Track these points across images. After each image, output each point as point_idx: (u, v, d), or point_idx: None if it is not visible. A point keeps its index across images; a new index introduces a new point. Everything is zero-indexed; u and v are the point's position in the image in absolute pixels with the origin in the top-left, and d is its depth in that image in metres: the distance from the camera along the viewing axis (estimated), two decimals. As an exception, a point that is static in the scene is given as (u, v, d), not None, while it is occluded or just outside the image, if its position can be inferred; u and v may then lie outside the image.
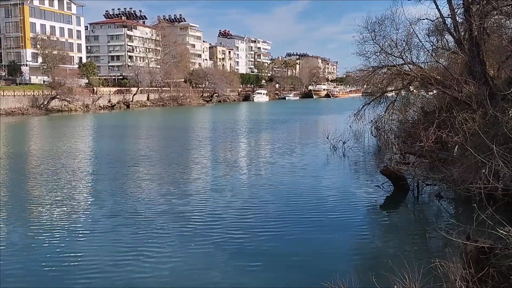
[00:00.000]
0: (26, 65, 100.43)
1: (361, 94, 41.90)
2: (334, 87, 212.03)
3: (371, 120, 33.03)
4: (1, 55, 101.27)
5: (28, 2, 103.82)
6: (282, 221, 14.88)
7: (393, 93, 30.69)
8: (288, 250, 12.33)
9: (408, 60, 25.07)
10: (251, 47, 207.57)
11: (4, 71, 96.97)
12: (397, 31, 26.07)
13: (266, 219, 15.11)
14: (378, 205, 17.60)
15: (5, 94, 77.97)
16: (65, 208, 16.62)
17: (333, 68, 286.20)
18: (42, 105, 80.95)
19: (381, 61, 27.28)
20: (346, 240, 13.30)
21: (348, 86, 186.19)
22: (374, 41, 26.88)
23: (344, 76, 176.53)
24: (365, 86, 33.82)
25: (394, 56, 25.71)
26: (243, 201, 17.58)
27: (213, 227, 14.14)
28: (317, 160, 27.70)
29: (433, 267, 8.72)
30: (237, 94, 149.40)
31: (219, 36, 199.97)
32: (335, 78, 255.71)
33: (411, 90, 30.80)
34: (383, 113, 30.07)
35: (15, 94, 79.95)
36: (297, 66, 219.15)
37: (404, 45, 25.34)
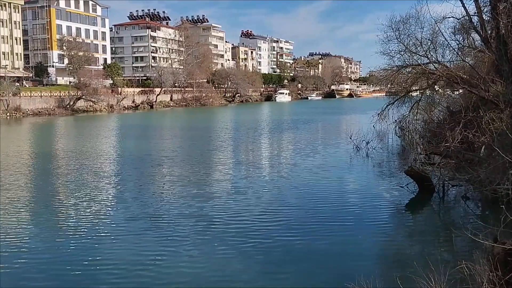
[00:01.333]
0: (53, 66, 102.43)
1: (384, 94, 41.45)
2: (357, 87, 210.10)
3: (395, 120, 32.65)
4: (28, 57, 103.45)
5: (55, 4, 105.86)
6: (305, 222, 14.83)
7: (418, 93, 30.23)
8: (311, 251, 12.29)
9: (434, 59, 24.66)
10: (274, 47, 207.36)
11: (32, 72, 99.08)
12: (422, 30, 25.67)
13: (289, 220, 15.08)
14: (403, 206, 17.40)
15: (32, 95, 79.67)
16: (89, 208, 16.90)
17: (356, 68, 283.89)
18: (68, 106, 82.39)
19: (406, 60, 26.91)
20: (370, 241, 13.18)
21: (371, 85, 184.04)
22: (399, 40, 26.53)
23: (368, 75, 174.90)
24: (389, 85, 33.39)
25: (419, 55, 25.32)
26: (266, 202, 17.57)
27: (236, 228, 14.17)
28: (340, 161, 27.50)
29: (459, 269, 8.57)
30: (259, 94, 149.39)
31: (241, 36, 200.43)
32: (358, 77, 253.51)
33: (436, 89, 30.32)
34: (408, 112, 29.67)
35: (42, 95, 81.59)
36: (320, 65, 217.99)
37: (429, 43, 24.94)
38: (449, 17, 24.05)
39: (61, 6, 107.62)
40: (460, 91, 27.19)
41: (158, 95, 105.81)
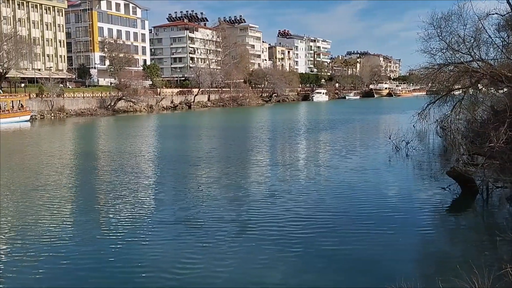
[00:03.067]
0: (95, 67, 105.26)
1: (425, 93, 40.60)
2: (397, 86, 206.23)
3: (436, 120, 31.88)
4: (71, 59, 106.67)
5: (97, 7, 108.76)
6: (344, 224, 14.71)
7: (460, 91, 29.41)
8: (351, 252, 12.19)
9: (477, 56, 23.97)
10: (311, 46, 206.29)
11: (74, 74, 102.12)
12: (464, 27, 24.98)
13: (328, 222, 14.97)
14: (445, 208, 17.00)
15: (75, 96, 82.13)
16: (127, 208, 17.20)
17: (396, 66, 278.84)
18: (109, 106, 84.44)
19: (448, 58, 26.26)
20: (411, 243, 12.95)
21: (411, 84, 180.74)
22: (440, 37, 25.90)
23: (407, 74, 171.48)
24: (430, 84, 32.69)
25: (462, 52, 24.66)
26: (303, 204, 17.47)
27: (273, 230, 14.09)
28: (379, 161, 27.11)
29: (504, 274, 8.33)
30: (296, 94, 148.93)
31: (278, 36, 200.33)
32: (397, 76, 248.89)
33: (479, 88, 29.44)
34: (450, 112, 28.90)
35: (84, 95, 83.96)
36: (358, 64, 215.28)
37: (472, 41, 24.26)
38: (493, 14, 23.35)
39: (103, 9, 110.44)
40: (505, 89, 26.31)
41: (196, 95, 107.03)
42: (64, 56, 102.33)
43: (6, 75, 76.51)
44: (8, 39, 74.33)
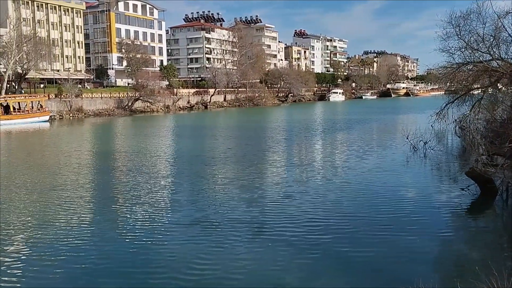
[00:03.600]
0: (112, 68, 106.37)
1: (443, 92, 40.13)
2: (414, 85, 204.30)
3: (455, 120, 31.53)
4: (89, 60, 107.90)
5: (114, 8, 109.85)
6: (361, 224, 14.59)
7: (480, 91, 29.04)
8: (368, 254, 12.09)
9: (496, 55, 23.66)
10: (327, 46, 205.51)
11: (93, 74, 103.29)
12: (484, 25, 24.68)
13: (344, 222, 14.89)
14: (463, 209, 16.77)
15: (93, 96, 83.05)
16: (146, 206, 17.31)
17: (413, 66, 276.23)
18: (126, 106, 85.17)
19: (466, 57, 25.99)
20: (429, 245, 12.80)
21: (429, 84, 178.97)
22: (459, 36, 25.65)
23: (425, 73, 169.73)
24: (448, 83, 32.35)
25: (481, 51, 24.37)
26: (319, 204, 17.36)
27: (289, 230, 14.03)
28: (396, 161, 26.86)
29: (525, 276, 8.17)
30: (312, 93, 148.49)
31: (294, 36, 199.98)
32: (415, 75, 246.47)
33: (499, 87, 29.01)
34: (469, 112, 28.55)
35: (102, 96, 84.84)
36: (375, 64, 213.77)
37: (491, 40, 23.95)
38: (514, 12, 22.97)
39: (120, 10, 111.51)
40: (526, 89, 25.88)
41: (212, 95, 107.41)
42: (83, 57, 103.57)
43: (26, 76, 77.73)
44: (28, 41, 75.51)
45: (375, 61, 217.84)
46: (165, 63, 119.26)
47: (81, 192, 19.89)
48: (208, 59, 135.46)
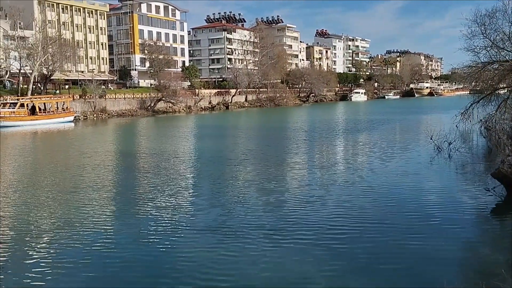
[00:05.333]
0: (135, 69, 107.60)
1: (468, 92, 39.48)
2: (438, 85, 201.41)
3: (480, 120, 30.99)
4: (113, 61, 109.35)
5: (137, 10, 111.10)
6: (383, 226, 14.43)
7: (506, 90, 28.49)
8: (392, 256, 11.97)
9: (524, 54, 23.14)
10: (349, 45, 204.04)
11: (116, 75, 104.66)
12: (510, 24, 24.27)
13: (367, 224, 14.72)
14: (489, 211, 16.45)
15: (116, 97, 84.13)
16: (166, 208, 17.39)
17: (437, 65, 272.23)
18: (149, 107, 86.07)
19: (492, 56, 25.56)
20: (454, 246, 12.59)
21: (454, 83, 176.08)
22: (484, 35, 25.25)
23: (450, 73, 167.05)
24: (473, 83, 31.85)
25: (507, 50, 23.93)
26: (341, 205, 17.22)
27: (311, 233, 13.87)
28: (420, 162, 26.48)
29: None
30: (334, 93, 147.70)
31: (316, 35, 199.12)
32: (439, 75, 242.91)
33: (526, 86, 28.42)
34: (494, 111, 28.06)
35: (125, 97, 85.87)
36: (398, 63, 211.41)
37: (518, 38, 23.44)
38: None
39: (143, 12, 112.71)
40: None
41: (233, 96, 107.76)
42: (106, 58, 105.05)
43: (51, 77, 79.21)
44: (53, 42, 76.92)
45: (398, 60, 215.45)
46: (187, 64, 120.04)
47: (103, 193, 20.09)
48: (229, 59, 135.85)
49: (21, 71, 72.91)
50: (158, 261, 12.03)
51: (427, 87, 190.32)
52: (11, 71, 75.94)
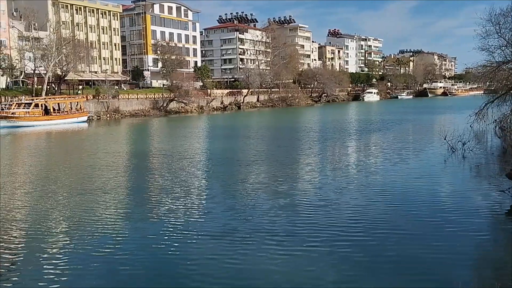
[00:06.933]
0: (148, 70, 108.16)
1: (483, 92, 39.08)
2: (452, 85, 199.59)
3: (495, 120, 30.66)
4: (126, 61, 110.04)
5: (150, 11, 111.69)
6: (398, 228, 14.32)
7: (521, 90, 28.16)
8: (407, 256, 11.90)
9: (540, 53, 22.83)
10: (362, 45, 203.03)
11: (129, 76, 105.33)
12: (526, 23, 23.89)
13: (382, 224, 14.63)
14: (504, 212, 16.27)
15: (129, 97, 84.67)
16: (178, 209, 17.43)
17: (451, 65, 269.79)
18: (161, 107, 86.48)
19: (507, 55, 25.28)
20: (469, 247, 12.49)
21: (468, 83, 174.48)
22: (499, 34, 24.99)
23: (464, 72, 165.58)
24: (488, 83, 31.51)
25: (523, 49, 23.58)
26: (355, 205, 17.12)
27: (323, 234, 13.79)
28: (433, 162, 26.26)
29: None
30: (346, 93, 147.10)
31: (328, 35, 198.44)
32: (453, 75, 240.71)
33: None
34: (509, 111, 27.71)
35: (138, 97, 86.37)
36: (411, 63, 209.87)
37: (534, 37, 23.14)
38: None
39: (156, 13, 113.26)
40: None
41: (245, 96, 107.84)
42: (119, 59, 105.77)
43: (65, 78, 79.98)
44: (67, 43, 77.64)
45: (411, 60, 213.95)
46: (199, 64, 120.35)
47: (115, 194, 20.14)
48: (241, 59, 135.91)
49: (36, 71, 73.73)
50: (168, 263, 11.98)
51: (440, 87, 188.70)
52: (26, 71, 76.84)
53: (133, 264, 11.86)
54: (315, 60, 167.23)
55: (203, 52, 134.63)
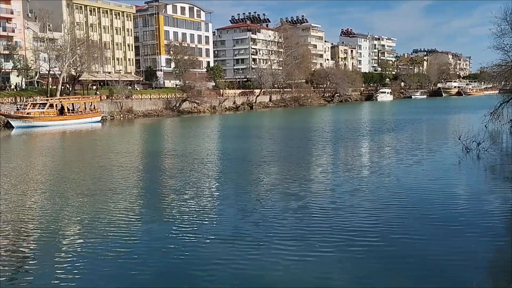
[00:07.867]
0: (161, 70, 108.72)
1: (498, 91, 38.61)
2: (467, 84, 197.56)
3: (510, 120, 30.24)
4: (139, 62, 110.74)
5: (163, 11, 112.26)
6: (411, 229, 14.19)
7: (537, 90, 27.74)
8: (420, 257, 11.80)
9: (556, 52, 22.46)
10: (375, 45, 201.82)
11: (142, 76, 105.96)
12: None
13: (394, 226, 14.48)
14: (519, 213, 16.03)
15: (142, 97, 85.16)
16: (191, 209, 17.47)
17: (465, 64, 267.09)
18: (174, 107, 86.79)
19: (523, 54, 24.84)
20: (483, 248, 12.34)
21: (483, 82, 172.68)
22: (515, 32, 24.56)
23: (479, 72, 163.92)
24: (503, 82, 31.12)
25: (539, 48, 23.22)
26: (368, 208, 16.91)
27: (336, 235, 13.69)
28: (448, 163, 25.99)
29: None
30: (359, 93, 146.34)
31: (341, 35, 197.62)
32: (467, 74, 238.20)
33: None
34: (525, 111, 27.33)
35: (151, 97, 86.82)
36: (425, 62, 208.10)
37: (551, 36, 22.78)
38: None
39: (169, 13, 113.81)
40: None
41: (257, 96, 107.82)
42: (133, 59, 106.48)
43: (79, 78, 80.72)
44: (81, 44, 78.33)
45: (425, 59, 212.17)
46: (211, 64, 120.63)
47: (127, 194, 20.19)
48: (254, 59, 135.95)
49: (50, 72, 74.52)
50: (178, 265, 11.94)
51: (455, 87, 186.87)
52: (41, 72, 77.68)
53: (144, 265, 11.85)
54: (327, 60, 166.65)
55: (216, 52, 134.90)
